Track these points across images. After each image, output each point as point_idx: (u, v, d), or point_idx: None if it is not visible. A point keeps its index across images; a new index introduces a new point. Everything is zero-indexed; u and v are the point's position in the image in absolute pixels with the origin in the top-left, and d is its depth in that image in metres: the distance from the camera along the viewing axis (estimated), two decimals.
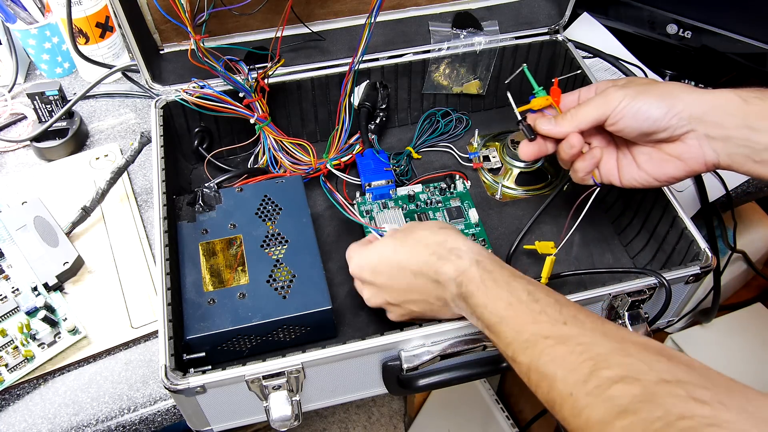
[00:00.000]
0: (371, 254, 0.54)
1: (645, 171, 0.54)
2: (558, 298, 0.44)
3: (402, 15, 0.75)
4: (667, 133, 0.51)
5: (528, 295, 0.44)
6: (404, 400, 1.41)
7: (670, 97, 0.50)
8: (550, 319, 0.41)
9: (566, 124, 0.54)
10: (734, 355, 0.95)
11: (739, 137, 0.48)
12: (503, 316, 0.43)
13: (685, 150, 0.51)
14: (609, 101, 0.52)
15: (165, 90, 0.70)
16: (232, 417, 0.54)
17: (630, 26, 0.88)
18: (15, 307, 0.61)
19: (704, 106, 0.49)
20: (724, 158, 0.50)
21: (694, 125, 0.50)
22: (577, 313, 0.42)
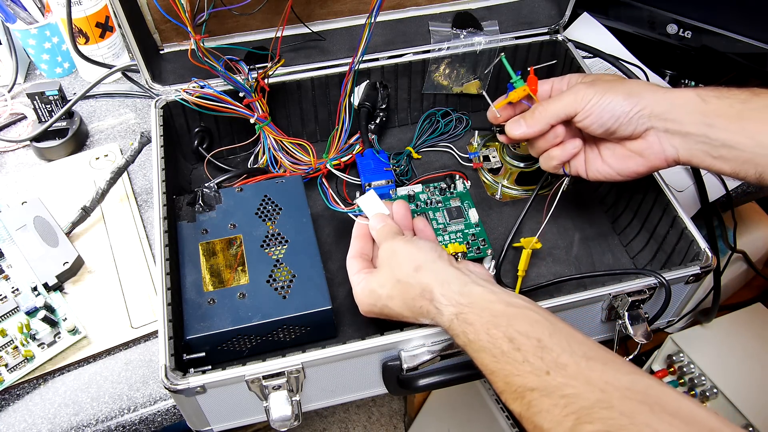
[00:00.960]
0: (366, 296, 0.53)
1: (609, 165, 0.57)
2: (540, 338, 0.43)
3: (402, 15, 0.75)
4: (629, 130, 0.53)
5: (509, 342, 0.43)
6: (404, 400, 1.41)
7: (634, 95, 0.52)
8: (534, 370, 0.41)
9: (536, 124, 0.57)
10: (734, 355, 0.95)
11: (697, 134, 0.51)
12: (492, 370, 0.44)
13: (646, 146, 0.54)
14: (579, 98, 0.54)
15: (165, 90, 0.70)
16: (232, 417, 0.54)
17: (630, 26, 0.88)
18: (15, 307, 0.61)
19: (665, 105, 0.52)
20: (683, 154, 0.52)
21: (655, 122, 0.52)
22: (560, 354, 0.41)
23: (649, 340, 0.55)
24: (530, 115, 0.57)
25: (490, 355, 0.44)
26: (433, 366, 0.53)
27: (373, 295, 0.53)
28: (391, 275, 0.52)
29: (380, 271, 0.53)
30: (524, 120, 0.57)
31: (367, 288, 0.53)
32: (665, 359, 1.00)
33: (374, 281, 0.53)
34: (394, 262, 0.52)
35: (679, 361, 0.97)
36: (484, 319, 0.45)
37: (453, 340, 0.49)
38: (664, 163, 0.54)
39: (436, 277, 0.49)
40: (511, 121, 0.58)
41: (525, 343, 0.43)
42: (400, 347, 0.52)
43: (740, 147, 0.49)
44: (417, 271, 0.50)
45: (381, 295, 0.52)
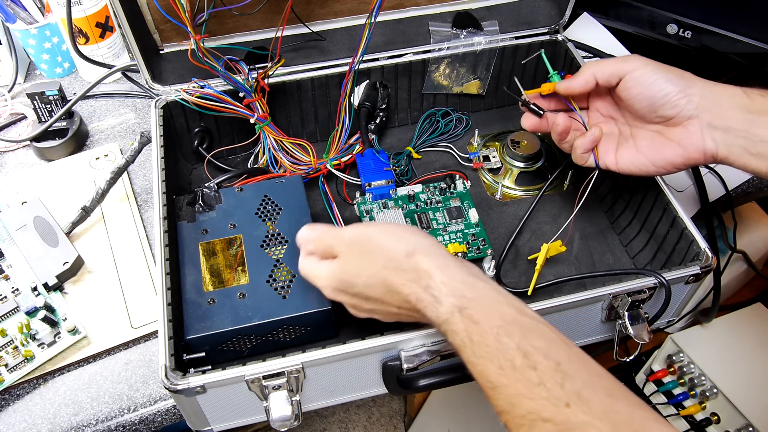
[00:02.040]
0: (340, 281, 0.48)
1: (644, 155, 0.55)
2: (560, 362, 0.37)
3: (402, 15, 0.75)
4: (674, 111, 0.52)
5: (523, 357, 0.38)
6: (404, 400, 1.41)
7: (685, 78, 0.52)
8: (550, 397, 0.36)
9: (582, 74, 0.56)
10: (734, 355, 0.95)
11: (739, 129, 0.50)
12: (495, 383, 0.38)
13: (687, 136, 0.52)
14: (629, 62, 0.53)
15: (165, 90, 0.70)
16: (232, 417, 0.54)
17: (630, 26, 0.88)
18: (15, 307, 0.61)
19: (711, 96, 0.51)
20: (722, 149, 0.51)
21: (699, 112, 0.51)
22: (582, 387, 0.36)
23: (649, 340, 0.55)
24: (585, 66, 0.57)
25: (496, 367, 0.38)
26: (433, 366, 0.53)
27: (343, 284, 0.47)
28: (371, 261, 0.46)
29: (351, 258, 0.47)
30: (570, 76, 0.57)
31: (335, 277, 0.48)
32: (665, 359, 1.00)
33: (346, 268, 0.47)
34: (374, 246, 0.46)
35: (679, 361, 0.97)
36: (493, 321, 0.40)
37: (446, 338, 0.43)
38: (701, 156, 0.52)
39: (435, 262, 0.44)
40: (559, 81, 0.58)
41: (542, 362, 0.37)
42: (400, 347, 0.52)
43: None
44: (410, 256, 0.44)
45: (355, 283, 0.46)
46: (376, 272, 0.45)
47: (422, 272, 0.44)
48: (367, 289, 0.46)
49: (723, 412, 0.93)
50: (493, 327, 0.40)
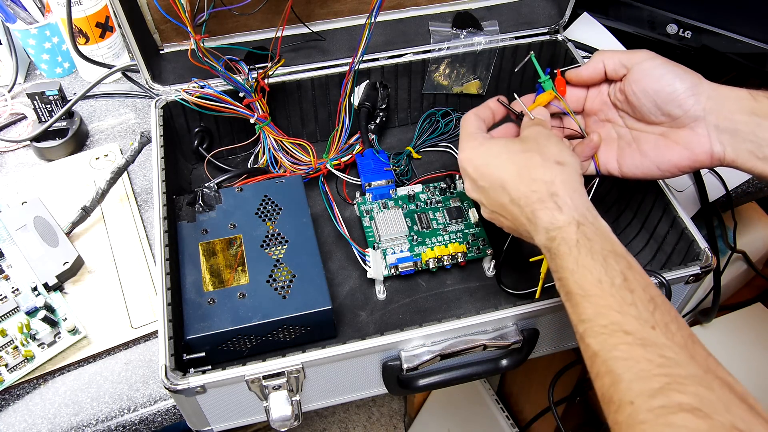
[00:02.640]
0: (482, 155, 0.51)
1: (649, 158, 0.54)
2: (654, 297, 0.40)
3: (402, 15, 0.75)
4: (680, 111, 0.51)
5: (623, 281, 0.40)
6: (404, 400, 1.41)
7: (694, 76, 0.51)
8: (639, 316, 0.38)
9: (591, 63, 0.55)
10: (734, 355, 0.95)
11: (746, 131, 0.49)
12: (588, 292, 0.40)
13: (694, 138, 0.51)
14: (639, 54, 0.52)
15: (165, 90, 0.70)
16: (232, 417, 0.54)
17: (630, 26, 0.88)
18: (15, 307, 0.61)
19: (719, 98, 0.50)
20: (730, 152, 0.50)
21: (706, 114, 0.50)
22: (670, 322, 0.38)
23: None
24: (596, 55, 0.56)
25: (595, 279, 0.41)
26: (433, 366, 0.53)
27: (493, 155, 0.50)
28: (533, 148, 0.48)
29: (512, 143, 0.50)
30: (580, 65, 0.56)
31: (492, 150, 0.50)
32: None
33: (507, 146, 0.50)
34: (542, 142, 0.49)
35: None
36: (604, 245, 0.42)
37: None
38: (708, 159, 0.51)
39: (572, 181, 0.46)
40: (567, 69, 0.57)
41: (639, 290, 0.40)
42: (400, 347, 0.52)
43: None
44: (558, 164, 0.47)
45: (494, 163, 0.49)
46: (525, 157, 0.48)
47: (557, 181, 0.46)
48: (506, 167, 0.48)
49: None
50: (604, 249, 0.42)
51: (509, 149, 0.50)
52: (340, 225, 0.65)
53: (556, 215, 0.45)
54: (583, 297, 0.41)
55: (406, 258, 0.63)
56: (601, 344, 0.38)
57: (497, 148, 0.50)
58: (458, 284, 0.65)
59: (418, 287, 0.64)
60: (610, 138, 0.57)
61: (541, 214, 0.45)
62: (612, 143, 0.56)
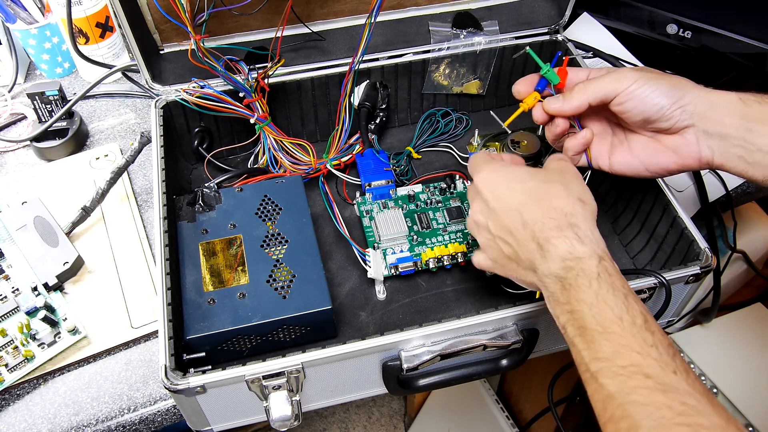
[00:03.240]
0: (503, 177, 0.50)
1: (639, 159, 0.55)
2: (670, 343, 0.39)
3: (402, 15, 0.75)
4: (669, 124, 0.52)
5: (644, 321, 0.39)
6: (404, 400, 1.41)
7: (679, 89, 0.51)
8: (660, 359, 0.37)
9: (575, 100, 0.54)
10: (734, 355, 0.95)
11: (735, 137, 0.49)
12: (607, 329, 0.39)
13: (683, 144, 0.52)
14: (622, 80, 0.52)
15: (165, 90, 0.70)
16: (232, 417, 0.54)
17: (630, 26, 0.88)
18: (15, 307, 0.61)
19: (707, 104, 0.50)
20: (718, 157, 0.51)
21: (695, 120, 0.51)
22: (689, 370, 0.37)
23: None
24: (569, 92, 0.55)
25: (615, 316, 0.39)
26: (433, 366, 0.53)
27: (515, 179, 0.49)
28: (558, 180, 0.48)
29: (544, 171, 0.50)
30: (563, 97, 0.55)
31: (514, 174, 0.49)
32: None
33: (531, 173, 0.49)
34: (568, 178, 0.49)
35: None
36: (624, 284, 0.42)
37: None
38: (697, 163, 0.52)
39: (591, 220, 0.46)
40: (549, 98, 0.57)
41: (658, 333, 0.39)
42: (400, 347, 0.52)
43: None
44: (580, 201, 0.47)
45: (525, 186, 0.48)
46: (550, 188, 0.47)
47: (579, 216, 0.45)
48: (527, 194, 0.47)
49: None
50: (624, 287, 0.42)
51: (533, 176, 0.49)
52: (340, 225, 0.65)
53: (576, 245, 0.44)
54: (601, 334, 0.39)
55: (406, 258, 0.63)
56: (618, 386, 0.37)
57: (521, 173, 0.50)
58: (458, 284, 0.65)
59: (418, 287, 0.64)
60: (605, 133, 0.57)
61: (558, 242, 0.44)
62: (606, 138, 0.57)
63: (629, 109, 0.52)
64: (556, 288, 0.44)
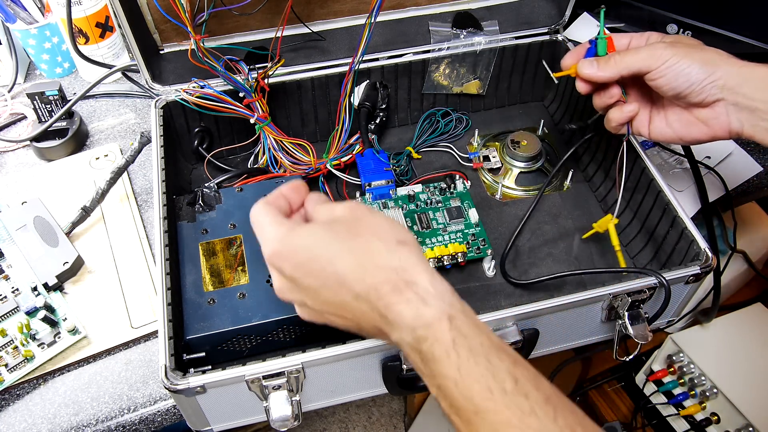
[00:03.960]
0: (300, 246, 0.41)
1: (673, 129, 0.57)
2: (549, 396, 0.35)
3: (402, 15, 0.75)
4: (700, 98, 0.54)
5: (514, 384, 0.35)
6: (404, 400, 1.41)
7: (710, 64, 0.53)
8: (542, 428, 0.33)
9: (609, 69, 0.56)
10: (734, 355, 0.95)
11: (765, 110, 0.52)
12: (479, 407, 0.35)
13: (713, 116, 0.54)
14: (656, 56, 0.53)
15: (165, 90, 0.70)
16: (232, 417, 0.54)
17: (630, 26, 0.88)
18: (15, 307, 0.61)
19: (738, 78, 0.52)
20: (747, 128, 0.53)
21: (726, 95, 0.53)
22: (575, 424, 0.34)
23: (648, 340, 0.55)
24: (605, 59, 0.56)
25: (484, 388, 0.35)
26: None
27: (315, 246, 0.40)
28: (365, 230, 0.41)
29: (333, 226, 0.41)
30: (597, 62, 0.56)
31: (301, 240, 0.41)
32: (665, 359, 1.00)
33: (319, 234, 0.41)
34: (370, 221, 0.41)
35: (679, 361, 0.97)
36: (482, 340, 0.37)
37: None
38: (727, 134, 0.55)
39: (422, 262, 0.39)
40: (584, 60, 0.58)
41: (533, 392, 0.35)
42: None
43: None
44: (401, 245, 0.40)
45: (323, 254, 0.40)
46: (353, 248, 0.40)
47: (409, 267, 0.39)
48: (338, 261, 0.39)
49: (723, 412, 0.93)
50: (483, 345, 0.37)
51: (336, 234, 0.40)
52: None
53: (421, 309, 0.37)
54: (476, 413, 0.35)
55: None
56: None
57: (320, 235, 0.41)
58: (458, 284, 0.65)
59: None
60: (645, 101, 0.59)
61: (400, 308, 0.38)
62: (646, 106, 0.59)
63: (662, 84, 0.54)
64: (416, 359, 0.39)
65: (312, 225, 0.42)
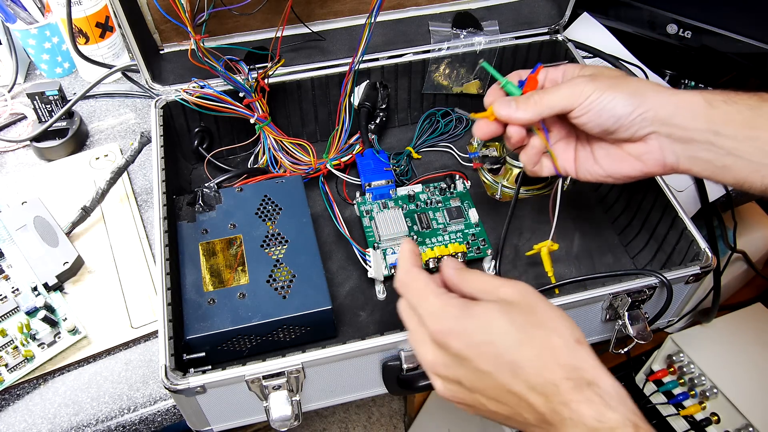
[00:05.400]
0: (477, 326, 0.40)
1: (601, 166, 0.53)
2: None
3: (402, 15, 0.75)
4: (629, 133, 0.49)
5: None
6: (404, 400, 1.41)
7: (638, 95, 0.48)
8: None
9: (529, 111, 0.50)
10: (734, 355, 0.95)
11: (702, 141, 0.47)
12: None
13: (645, 151, 0.50)
14: (577, 93, 0.48)
15: (165, 90, 0.70)
16: (232, 417, 0.54)
17: (630, 26, 0.88)
18: (15, 307, 0.61)
19: (670, 108, 0.47)
20: (684, 162, 0.49)
21: (658, 127, 0.48)
22: None
23: (648, 340, 0.55)
24: (524, 99, 0.50)
25: None
26: None
27: (484, 333, 0.39)
28: (543, 323, 0.40)
29: (510, 312, 0.40)
30: (516, 103, 0.50)
31: (478, 321, 0.40)
32: (665, 359, 1.00)
33: (496, 317, 0.40)
34: (539, 315, 0.40)
35: (679, 361, 0.97)
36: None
37: None
38: (661, 169, 0.50)
39: (602, 366, 0.38)
40: (502, 99, 0.51)
41: None
42: (400, 347, 0.52)
43: (747, 156, 0.45)
44: (579, 344, 0.39)
45: (502, 341, 0.39)
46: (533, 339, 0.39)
47: (589, 368, 0.38)
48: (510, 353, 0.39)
49: (723, 412, 0.93)
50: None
51: (513, 322, 0.39)
52: (340, 225, 0.65)
53: (603, 411, 0.36)
54: None
55: None
56: None
57: (497, 319, 0.40)
58: None
59: None
60: (570, 138, 0.55)
61: (580, 407, 0.36)
62: (571, 143, 0.54)
63: (586, 122, 0.49)
64: None
65: (488, 306, 0.41)
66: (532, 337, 0.39)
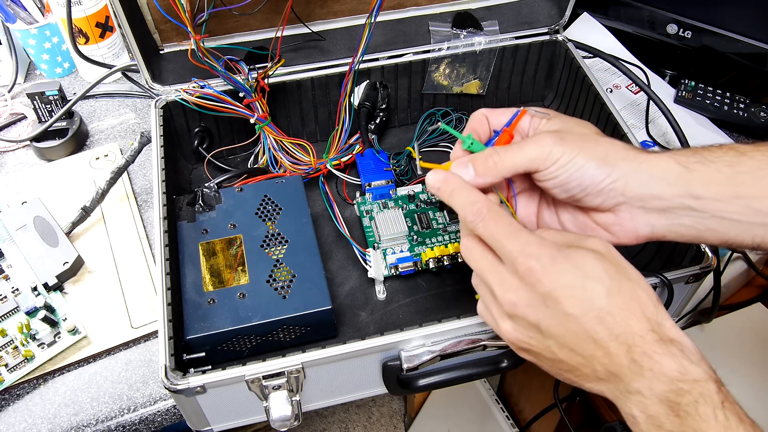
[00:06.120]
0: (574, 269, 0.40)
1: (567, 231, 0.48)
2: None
3: (402, 15, 0.75)
4: (596, 202, 0.44)
5: None
6: (404, 400, 1.41)
7: (608, 164, 0.43)
8: None
9: (489, 174, 0.44)
10: (734, 355, 0.95)
11: (680, 207, 0.43)
12: None
13: (615, 222, 0.45)
14: (545, 155, 0.43)
15: (165, 90, 0.70)
16: (232, 417, 0.54)
17: (630, 26, 0.88)
18: (15, 307, 0.61)
19: (642, 176, 0.43)
20: (660, 230, 0.44)
21: (629, 198, 0.44)
22: None
23: None
24: (483, 160, 0.44)
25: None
26: (433, 366, 0.53)
27: (584, 275, 0.39)
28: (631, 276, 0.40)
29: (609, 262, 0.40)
30: (474, 164, 0.45)
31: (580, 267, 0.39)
32: None
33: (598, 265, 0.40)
34: (626, 269, 0.41)
35: None
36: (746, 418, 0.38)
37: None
38: (634, 240, 0.45)
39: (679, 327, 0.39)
40: (458, 162, 0.45)
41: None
42: (400, 347, 0.52)
43: (734, 217, 0.42)
44: (660, 304, 0.40)
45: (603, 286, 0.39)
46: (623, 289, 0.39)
47: (672, 326, 0.39)
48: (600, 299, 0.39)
49: None
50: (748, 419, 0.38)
51: (607, 270, 0.40)
52: (340, 225, 0.65)
53: (686, 365, 0.37)
54: None
55: (406, 258, 0.63)
56: None
57: (593, 267, 0.40)
58: (458, 284, 0.65)
59: (418, 287, 0.64)
60: (533, 192, 0.50)
61: (662, 359, 0.37)
62: (533, 198, 0.50)
63: (552, 187, 0.44)
64: (660, 411, 0.37)
65: (582, 252, 0.41)
66: (621, 287, 0.39)
